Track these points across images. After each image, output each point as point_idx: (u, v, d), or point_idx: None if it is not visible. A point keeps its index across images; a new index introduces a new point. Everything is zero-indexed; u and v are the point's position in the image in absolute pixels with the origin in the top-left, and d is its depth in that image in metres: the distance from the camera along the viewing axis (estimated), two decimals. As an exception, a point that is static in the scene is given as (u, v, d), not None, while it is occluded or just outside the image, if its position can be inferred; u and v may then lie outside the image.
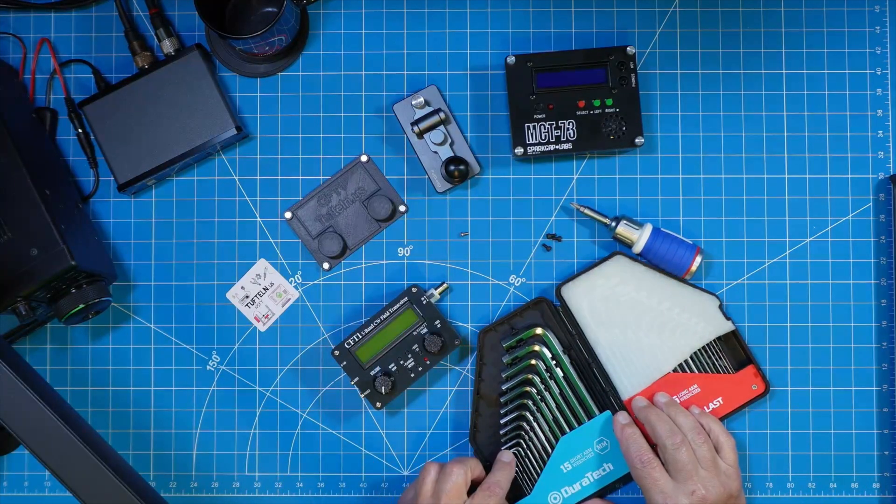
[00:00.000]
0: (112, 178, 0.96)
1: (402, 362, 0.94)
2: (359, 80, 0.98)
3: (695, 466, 0.88)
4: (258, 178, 0.98)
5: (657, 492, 0.87)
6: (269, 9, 0.96)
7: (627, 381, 0.95)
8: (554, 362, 0.94)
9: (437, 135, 0.95)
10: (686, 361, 0.96)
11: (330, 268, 0.97)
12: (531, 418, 0.95)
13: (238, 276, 0.98)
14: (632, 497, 0.97)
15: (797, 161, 0.98)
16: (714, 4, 0.98)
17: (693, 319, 0.95)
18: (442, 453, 0.97)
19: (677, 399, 0.95)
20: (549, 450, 0.94)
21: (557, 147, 0.95)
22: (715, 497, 0.87)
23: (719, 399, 0.95)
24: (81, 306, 0.89)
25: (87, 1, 0.98)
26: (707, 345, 0.96)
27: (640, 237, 0.94)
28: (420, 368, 0.94)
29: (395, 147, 0.98)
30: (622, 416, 0.92)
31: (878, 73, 0.98)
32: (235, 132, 0.94)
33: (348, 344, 0.94)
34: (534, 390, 0.94)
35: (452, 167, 0.94)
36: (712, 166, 0.98)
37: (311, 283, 0.98)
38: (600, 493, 0.94)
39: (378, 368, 0.94)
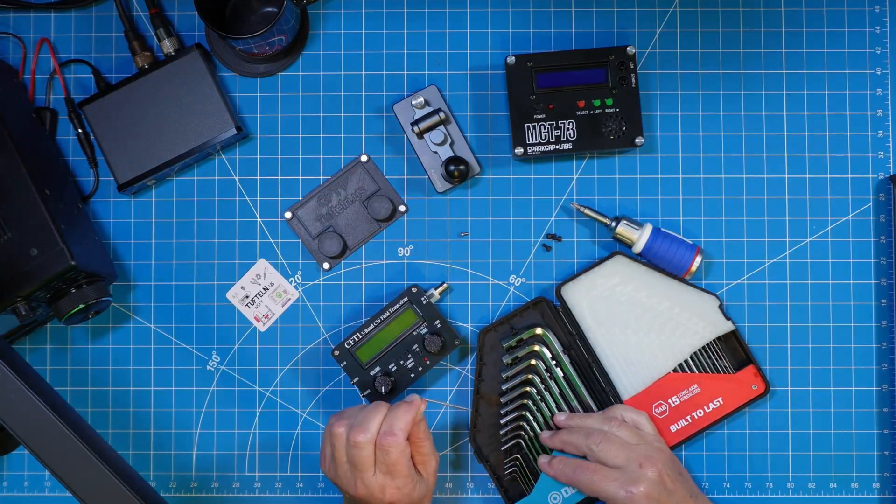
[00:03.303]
0: (112, 178, 0.95)
1: (402, 362, 0.94)
2: (359, 80, 0.98)
3: (627, 446, 0.87)
4: (258, 178, 0.98)
5: (610, 485, 0.85)
6: (269, 9, 0.96)
7: (627, 381, 0.95)
8: (554, 362, 0.94)
9: (437, 135, 0.95)
10: (686, 361, 0.96)
11: (330, 268, 0.97)
12: (531, 418, 0.95)
13: (238, 276, 0.98)
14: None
15: (797, 161, 0.98)
16: (714, 4, 0.98)
17: (693, 319, 0.95)
18: (442, 453, 0.97)
19: (677, 399, 0.95)
20: (550, 450, 0.94)
21: (557, 147, 0.95)
22: (661, 459, 0.87)
23: (719, 399, 0.95)
24: (81, 306, 0.89)
25: (87, 1, 0.98)
26: (707, 345, 0.96)
27: (640, 237, 0.94)
28: (420, 368, 0.94)
29: (395, 147, 0.98)
30: (542, 458, 0.92)
31: (878, 73, 0.98)
32: (235, 132, 0.94)
33: (348, 344, 0.94)
34: (534, 390, 0.94)
35: (452, 167, 0.94)
36: (712, 166, 0.98)
37: (311, 283, 0.98)
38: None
39: (378, 368, 0.94)
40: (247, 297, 0.97)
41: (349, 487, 0.84)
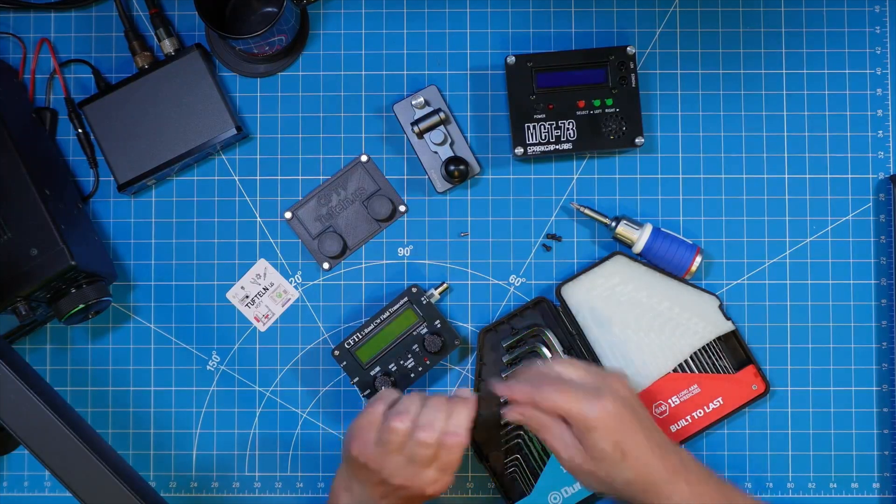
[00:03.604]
0: (112, 178, 0.96)
1: (402, 362, 0.94)
2: (359, 80, 0.98)
3: (590, 367, 0.82)
4: (258, 178, 0.98)
5: (573, 396, 0.79)
6: (269, 9, 0.96)
7: (627, 381, 0.95)
8: (554, 362, 0.94)
9: (437, 135, 0.95)
10: (686, 361, 0.96)
11: (330, 268, 0.97)
12: (531, 418, 0.95)
13: (238, 276, 0.98)
14: (632, 497, 0.97)
15: (797, 161, 0.98)
16: (714, 4, 0.98)
17: (693, 319, 0.95)
18: (442, 453, 0.97)
19: (677, 399, 0.95)
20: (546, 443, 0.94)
21: (557, 147, 0.95)
22: (625, 380, 0.83)
23: (719, 399, 0.95)
24: (81, 306, 0.89)
25: (87, 1, 0.98)
26: (707, 345, 0.96)
27: (640, 237, 0.94)
28: (420, 368, 0.94)
29: (395, 147, 0.98)
30: (496, 383, 0.85)
31: (878, 73, 0.98)
32: (235, 132, 0.94)
33: (348, 344, 0.94)
34: (534, 390, 0.94)
35: (452, 167, 0.94)
36: (712, 166, 0.98)
37: (311, 283, 0.98)
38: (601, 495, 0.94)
39: (378, 368, 0.94)
40: (247, 297, 0.97)
41: (394, 477, 0.82)
